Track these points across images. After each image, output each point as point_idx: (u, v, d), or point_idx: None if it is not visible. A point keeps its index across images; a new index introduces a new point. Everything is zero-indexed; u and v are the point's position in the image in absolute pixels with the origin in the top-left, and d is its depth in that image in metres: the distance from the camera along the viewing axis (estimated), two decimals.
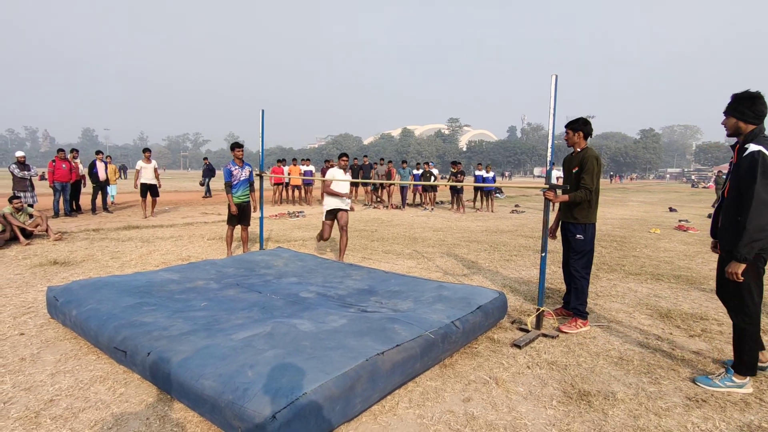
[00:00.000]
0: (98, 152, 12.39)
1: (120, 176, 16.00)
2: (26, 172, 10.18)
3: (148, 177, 11.29)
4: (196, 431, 2.39)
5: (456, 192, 15.36)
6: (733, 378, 2.88)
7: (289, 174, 15.99)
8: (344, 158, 6.36)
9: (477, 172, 16.79)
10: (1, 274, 5.48)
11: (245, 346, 2.72)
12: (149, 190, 11.41)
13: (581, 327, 3.91)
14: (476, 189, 16.65)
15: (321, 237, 6.45)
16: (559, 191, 3.83)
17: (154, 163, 11.55)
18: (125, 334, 3.00)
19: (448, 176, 16.56)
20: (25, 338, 3.54)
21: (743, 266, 2.71)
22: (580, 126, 3.96)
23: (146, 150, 11.51)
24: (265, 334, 2.92)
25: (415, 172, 17.13)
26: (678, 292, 5.20)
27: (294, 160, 18.00)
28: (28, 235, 7.70)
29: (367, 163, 16.97)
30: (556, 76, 3.62)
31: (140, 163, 11.33)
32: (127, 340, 2.95)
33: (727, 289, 2.94)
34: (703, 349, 3.52)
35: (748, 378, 2.88)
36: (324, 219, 6.32)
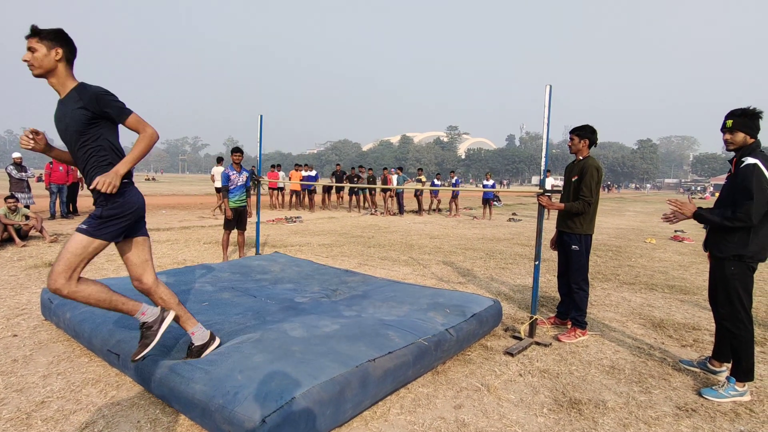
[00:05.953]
0: None
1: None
2: (23, 174, 10.19)
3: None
4: None
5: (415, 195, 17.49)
6: (736, 387, 2.92)
7: (290, 179, 16.29)
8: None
9: (452, 181, 18.28)
10: None
11: (235, 350, 2.73)
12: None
13: (580, 336, 3.90)
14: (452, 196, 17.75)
15: None
16: (554, 198, 3.84)
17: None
18: (119, 338, 3.00)
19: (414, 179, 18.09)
20: (18, 340, 3.54)
21: (691, 216, 3.07)
22: (587, 133, 3.88)
23: (221, 159, 12.66)
24: (255, 339, 2.92)
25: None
26: (671, 302, 5.22)
27: (297, 165, 17.85)
28: (24, 236, 7.69)
29: (355, 173, 17.65)
30: (551, 87, 3.66)
31: (215, 169, 12.22)
32: (120, 343, 2.94)
33: (718, 296, 3.03)
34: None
35: (746, 385, 2.93)
36: None
